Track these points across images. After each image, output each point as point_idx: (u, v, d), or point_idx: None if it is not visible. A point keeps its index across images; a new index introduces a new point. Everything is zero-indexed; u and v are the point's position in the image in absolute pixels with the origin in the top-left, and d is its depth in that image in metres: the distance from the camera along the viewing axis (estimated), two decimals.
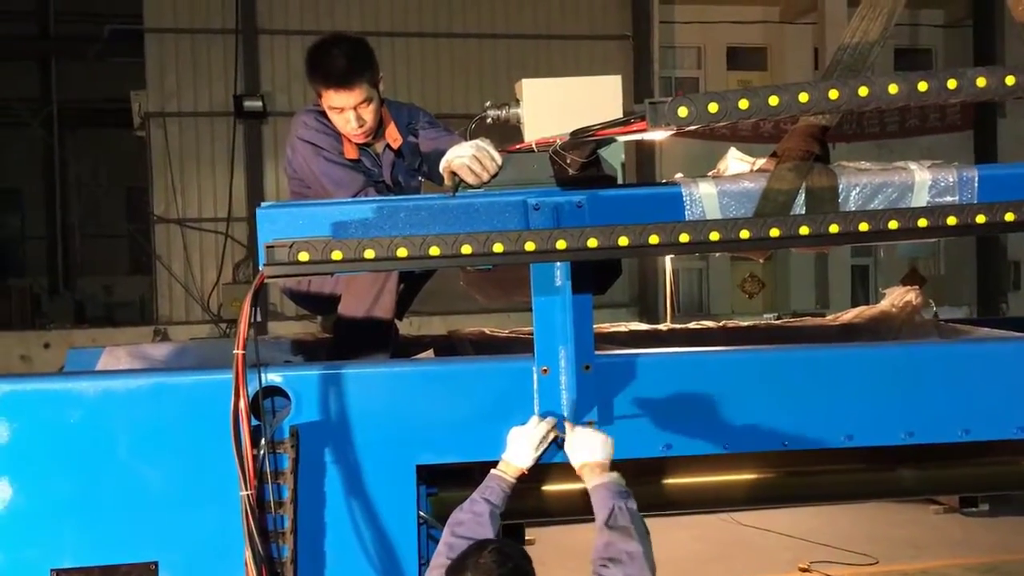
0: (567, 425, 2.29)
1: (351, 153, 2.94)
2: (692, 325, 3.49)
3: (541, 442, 2.26)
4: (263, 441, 2.16)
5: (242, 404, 2.09)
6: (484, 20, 13.18)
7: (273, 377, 2.25)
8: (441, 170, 2.42)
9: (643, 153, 12.17)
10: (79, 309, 15.54)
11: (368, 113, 2.90)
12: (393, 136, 3.00)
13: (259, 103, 11.88)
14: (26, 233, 18.04)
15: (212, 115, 12.44)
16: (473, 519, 2.13)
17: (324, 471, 2.25)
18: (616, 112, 2.43)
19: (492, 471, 2.24)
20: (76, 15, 16.01)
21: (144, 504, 2.24)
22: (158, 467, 2.24)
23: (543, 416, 2.30)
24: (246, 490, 2.08)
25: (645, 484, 2.63)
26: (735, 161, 2.55)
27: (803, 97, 2.14)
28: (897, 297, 3.37)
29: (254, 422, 2.17)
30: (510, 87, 2.77)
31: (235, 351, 2.11)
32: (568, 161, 2.38)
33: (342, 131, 2.93)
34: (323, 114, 2.94)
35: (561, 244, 2.14)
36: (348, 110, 2.87)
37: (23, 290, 15.29)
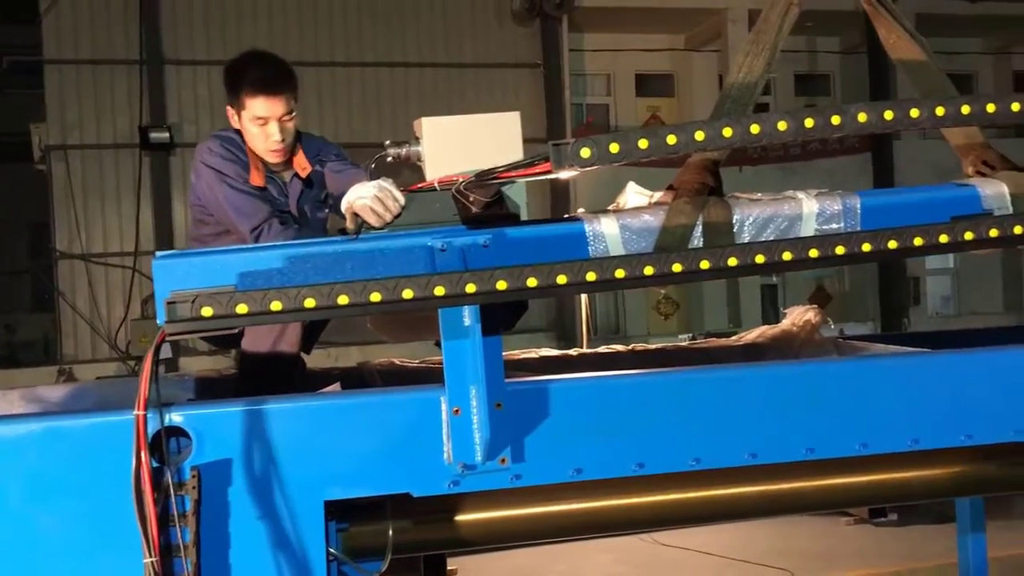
0: None
1: (257, 180, 2.92)
2: (602, 349, 3.54)
3: None
4: (163, 484, 2.11)
5: (144, 473, 2.04)
6: (395, 49, 13.22)
7: (174, 417, 2.20)
8: (343, 210, 2.41)
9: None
10: None
11: (290, 126, 2.92)
12: (302, 164, 2.99)
13: (166, 134, 11.67)
14: None
15: (116, 147, 12.17)
16: None
17: (228, 511, 2.20)
18: (516, 148, 2.47)
19: None
20: None
21: (40, 554, 2.16)
22: (54, 515, 2.16)
23: None
24: (150, 557, 2.03)
25: (561, 508, 2.66)
26: (634, 195, 2.62)
27: (699, 135, 2.22)
28: (797, 316, 3.49)
29: (155, 464, 2.12)
30: (422, 115, 2.78)
31: (135, 412, 2.05)
32: (472, 200, 2.40)
33: (260, 148, 2.91)
34: (230, 140, 2.91)
35: (471, 287, 2.15)
36: (272, 121, 2.87)
37: None
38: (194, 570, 2.08)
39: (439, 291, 2.14)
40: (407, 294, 2.13)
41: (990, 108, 2.33)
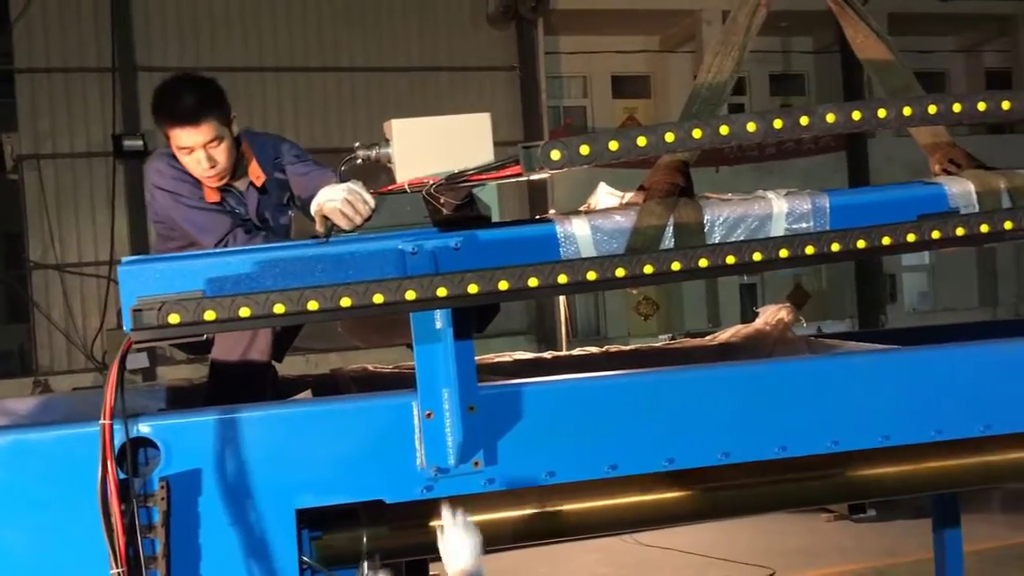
0: (443, 518, 2.24)
1: (212, 196, 2.86)
2: (576, 351, 3.54)
3: None
4: (131, 496, 2.08)
5: (110, 483, 2.01)
6: (371, 53, 13.19)
7: (142, 427, 2.18)
8: (313, 213, 2.39)
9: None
10: None
11: (219, 153, 2.81)
12: (256, 174, 2.92)
13: (140, 142, 11.54)
14: None
15: (90, 156, 12.06)
16: None
17: (199, 521, 2.18)
18: (487, 149, 2.45)
19: None
20: None
21: (7, 569, 2.13)
22: (22, 528, 2.13)
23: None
24: (117, 568, 2.00)
25: (543, 509, 2.66)
26: (605, 195, 2.62)
27: (669, 137, 2.23)
28: (771, 315, 3.50)
29: (123, 476, 2.10)
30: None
31: (102, 421, 2.03)
32: (442, 202, 2.39)
33: (196, 174, 2.83)
34: (176, 158, 2.84)
35: (442, 291, 2.14)
36: (197, 149, 2.77)
37: None
38: None
39: (410, 295, 2.14)
40: (377, 299, 2.12)
41: (956, 108, 2.34)
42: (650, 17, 14.92)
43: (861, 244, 2.32)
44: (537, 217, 2.67)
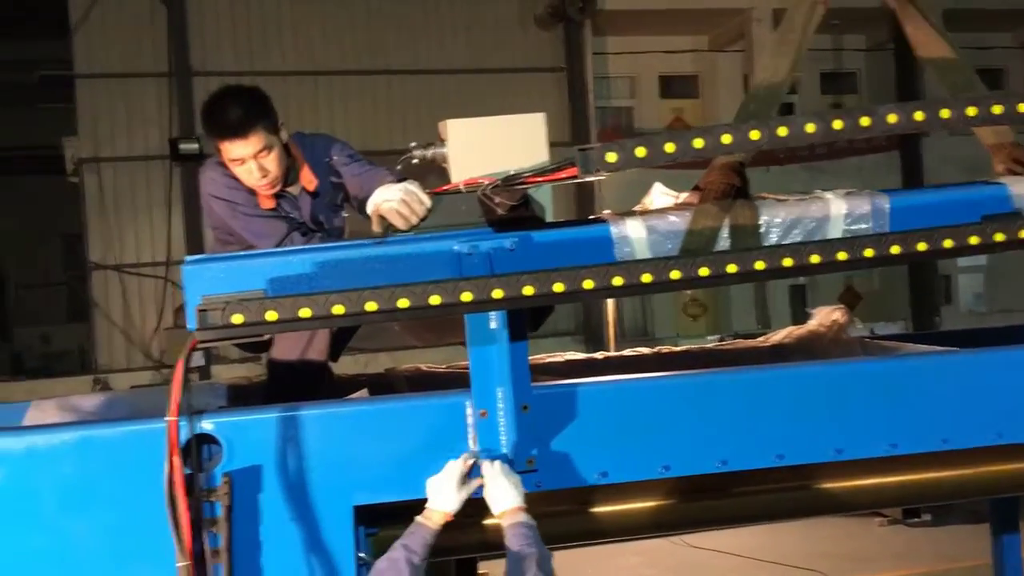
0: (483, 469, 2.29)
1: (267, 203, 2.88)
2: (627, 352, 3.53)
3: (462, 482, 2.25)
4: (195, 491, 2.14)
5: (177, 478, 2.07)
6: (420, 56, 13.29)
7: (205, 424, 2.24)
8: (369, 213, 2.42)
9: None
10: (16, 360, 15.14)
11: (270, 162, 2.80)
12: (308, 179, 2.93)
13: (195, 146, 11.72)
14: None
15: (147, 159, 12.32)
16: (389, 566, 2.13)
17: (259, 517, 2.23)
18: (542, 149, 2.47)
19: (416, 517, 2.23)
20: (5, 62, 15.74)
21: (76, 562, 2.20)
22: (88, 522, 2.20)
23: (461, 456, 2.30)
24: (183, 561, 2.06)
25: (589, 511, 2.67)
26: (660, 195, 2.62)
27: (726, 139, 2.22)
28: (824, 316, 3.46)
29: (187, 471, 2.15)
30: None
31: (168, 418, 2.08)
32: (497, 202, 2.41)
33: (246, 183, 2.85)
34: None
35: (498, 293, 2.17)
36: (248, 160, 2.77)
37: None
38: (227, 574, 2.11)
39: (466, 297, 2.16)
40: (434, 300, 2.15)
41: (1021, 107, 2.30)
42: (698, 16, 14.79)
43: (922, 247, 2.28)
44: (592, 217, 2.68)
